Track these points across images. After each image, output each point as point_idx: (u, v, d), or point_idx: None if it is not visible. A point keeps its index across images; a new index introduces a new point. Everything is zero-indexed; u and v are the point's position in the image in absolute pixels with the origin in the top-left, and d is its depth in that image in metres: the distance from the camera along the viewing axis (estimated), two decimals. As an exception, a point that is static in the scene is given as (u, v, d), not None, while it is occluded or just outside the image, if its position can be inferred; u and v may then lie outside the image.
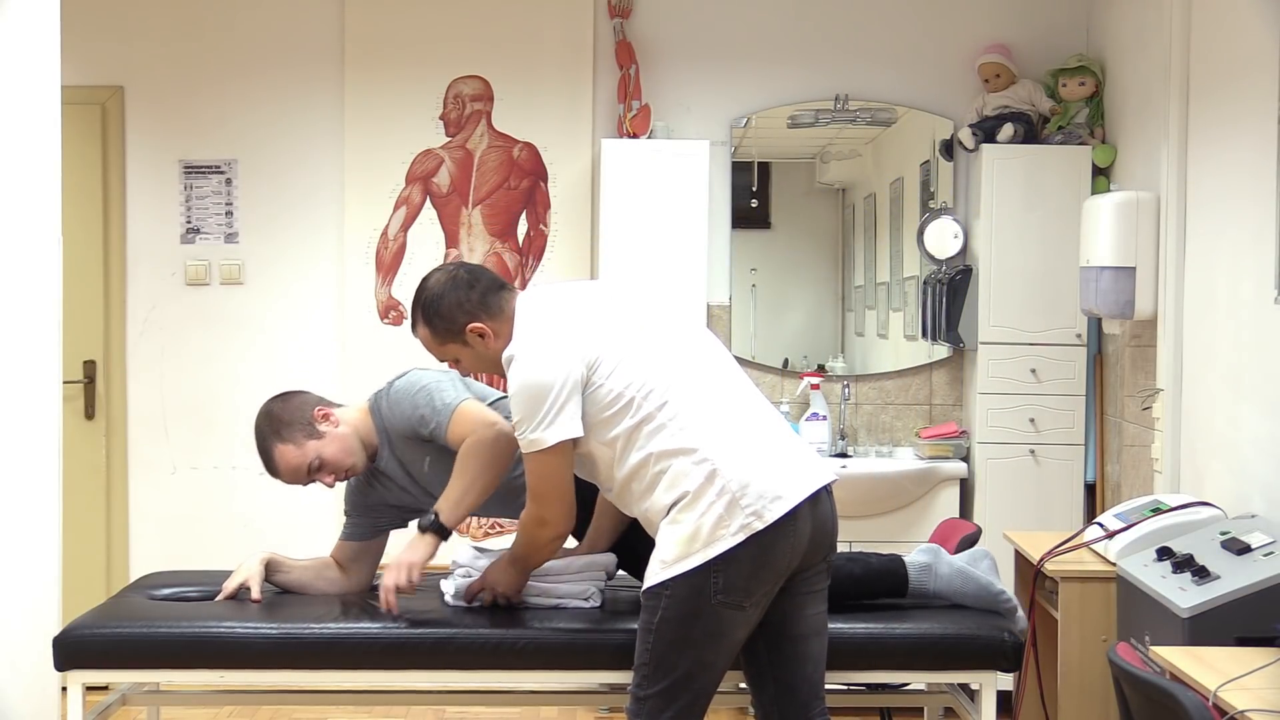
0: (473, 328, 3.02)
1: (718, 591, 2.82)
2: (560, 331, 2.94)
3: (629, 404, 2.88)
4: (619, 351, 2.91)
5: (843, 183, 5.27)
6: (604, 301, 3.06)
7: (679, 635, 2.85)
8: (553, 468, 2.91)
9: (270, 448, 3.30)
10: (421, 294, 3.08)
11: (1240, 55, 3.69)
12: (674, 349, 2.97)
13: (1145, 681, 2.47)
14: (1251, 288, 3.58)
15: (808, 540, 2.89)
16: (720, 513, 2.80)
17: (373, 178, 5.07)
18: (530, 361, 2.89)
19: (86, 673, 3.19)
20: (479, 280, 3.07)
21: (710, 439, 2.85)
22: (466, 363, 3.10)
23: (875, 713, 4.15)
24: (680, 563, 2.82)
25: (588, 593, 3.24)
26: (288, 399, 3.36)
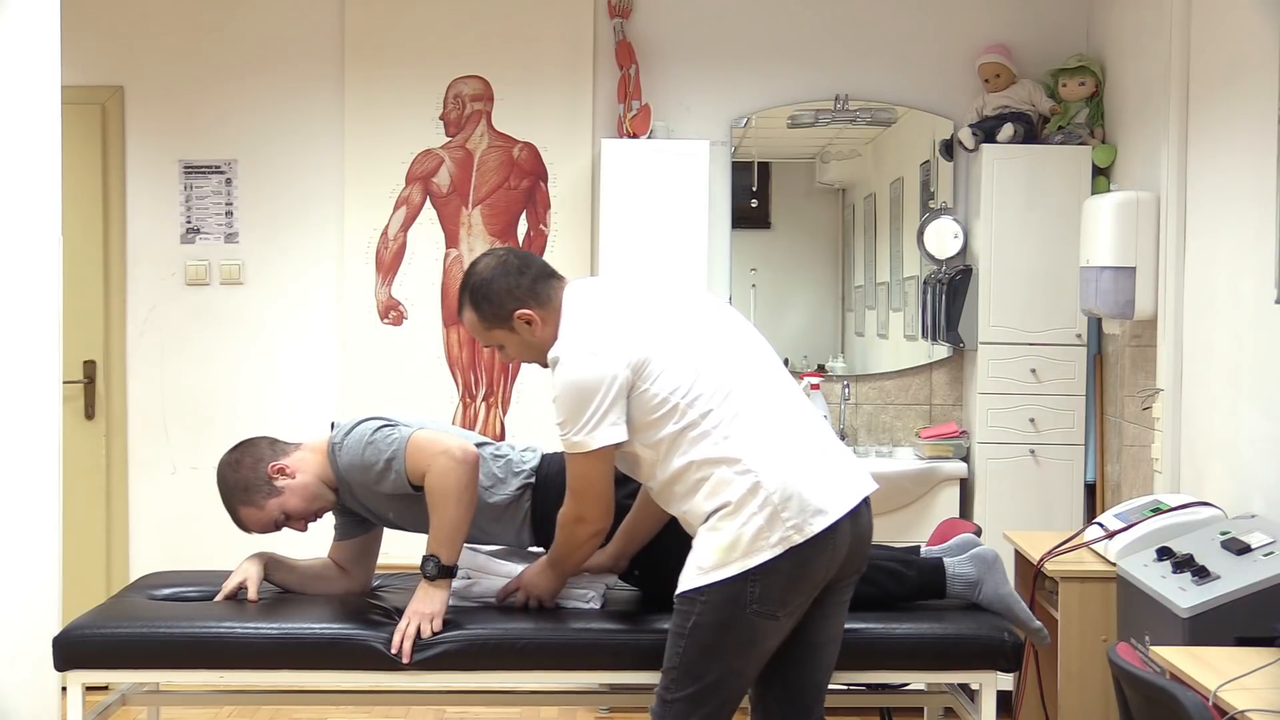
0: (521, 314, 2.98)
1: (753, 601, 2.80)
2: (608, 332, 2.89)
3: (673, 410, 2.84)
4: (666, 355, 2.87)
5: (843, 183, 5.27)
6: (652, 300, 3.01)
7: (711, 642, 2.83)
8: (594, 469, 2.90)
9: (234, 511, 3.35)
10: (470, 278, 3.04)
11: (1240, 55, 3.69)
12: (721, 352, 2.92)
13: (1145, 681, 2.47)
14: (1251, 288, 3.58)
15: (845, 553, 2.88)
16: (761, 524, 2.78)
17: (373, 178, 5.07)
18: (577, 363, 2.86)
19: (86, 673, 3.19)
20: (529, 267, 3.03)
21: (754, 449, 2.82)
22: (511, 349, 3.06)
23: (875, 713, 4.15)
24: (718, 570, 2.80)
25: (588, 596, 3.24)
26: (240, 461, 3.35)
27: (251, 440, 3.41)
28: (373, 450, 3.21)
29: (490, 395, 5.12)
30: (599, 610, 3.23)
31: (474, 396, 5.12)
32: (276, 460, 3.32)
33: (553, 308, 2.98)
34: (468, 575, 3.26)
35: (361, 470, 3.23)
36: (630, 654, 3.13)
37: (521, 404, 5.10)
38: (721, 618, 2.82)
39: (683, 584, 2.86)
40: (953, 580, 3.27)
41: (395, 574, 3.60)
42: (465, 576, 3.25)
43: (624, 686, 3.64)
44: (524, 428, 5.08)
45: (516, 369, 5.10)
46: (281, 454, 3.35)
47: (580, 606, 3.23)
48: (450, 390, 5.12)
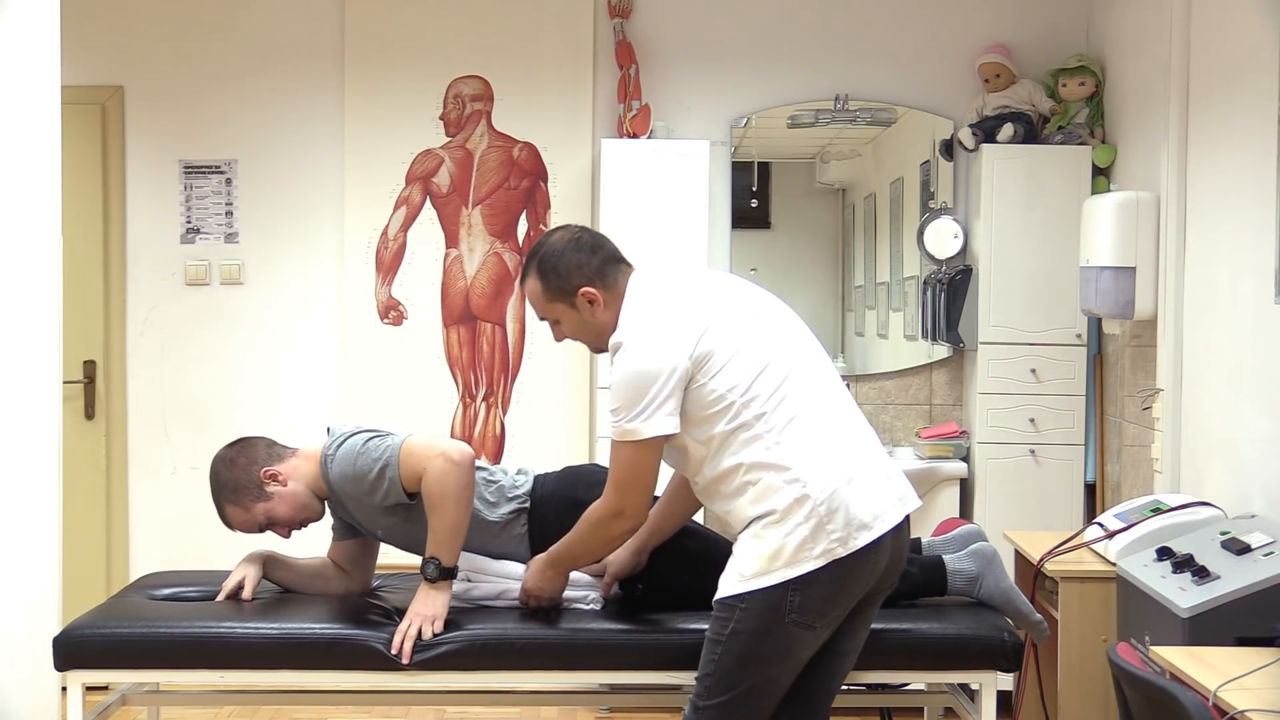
0: (585, 292, 2.95)
1: (793, 610, 2.79)
2: (672, 322, 2.87)
3: (728, 408, 2.82)
4: (728, 351, 2.85)
5: (843, 183, 5.27)
6: (717, 295, 2.98)
7: (748, 650, 2.82)
8: (642, 460, 2.86)
9: (220, 508, 3.35)
10: (540, 248, 3.01)
11: (1240, 55, 3.69)
12: (780, 354, 2.89)
13: (1145, 681, 2.47)
14: (1251, 288, 3.58)
15: (885, 567, 2.88)
16: (805, 535, 2.77)
17: (373, 178, 5.07)
18: (639, 351, 2.84)
19: (86, 673, 3.19)
20: (601, 247, 3.00)
21: (804, 458, 2.81)
22: (566, 326, 3.02)
23: (875, 713, 4.14)
24: (760, 578, 2.79)
25: (589, 597, 3.24)
26: (235, 460, 3.34)
27: (250, 440, 3.41)
28: (365, 460, 3.20)
29: (490, 395, 5.12)
30: (599, 610, 3.23)
31: (474, 397, 5.12)
32: (270, 465, 3.32)
33: (617, 292, 2.96)
34: (468, 578, 3.26)
35: (354, 481, 3.22)
36: (630, 654, 3.13)
37: (521, 404, 5.10)
38: (760, 626, 2.80)
39: (723, 589, 2.84)
40: (953, 576, 3.28)
41: (395, 574, 3.60)
42: (465, 579, 3.25)
43: (624, 686, 3.65)
44: (524, 428, 5.08)
45: (517, 368, 5.10)
46: (276, 459, 3.34)
47: (580, 607, 3.23)
48: (450, 390, 5.12)
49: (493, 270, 5.09)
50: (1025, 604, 3.28)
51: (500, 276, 5.10)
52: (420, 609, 3.12)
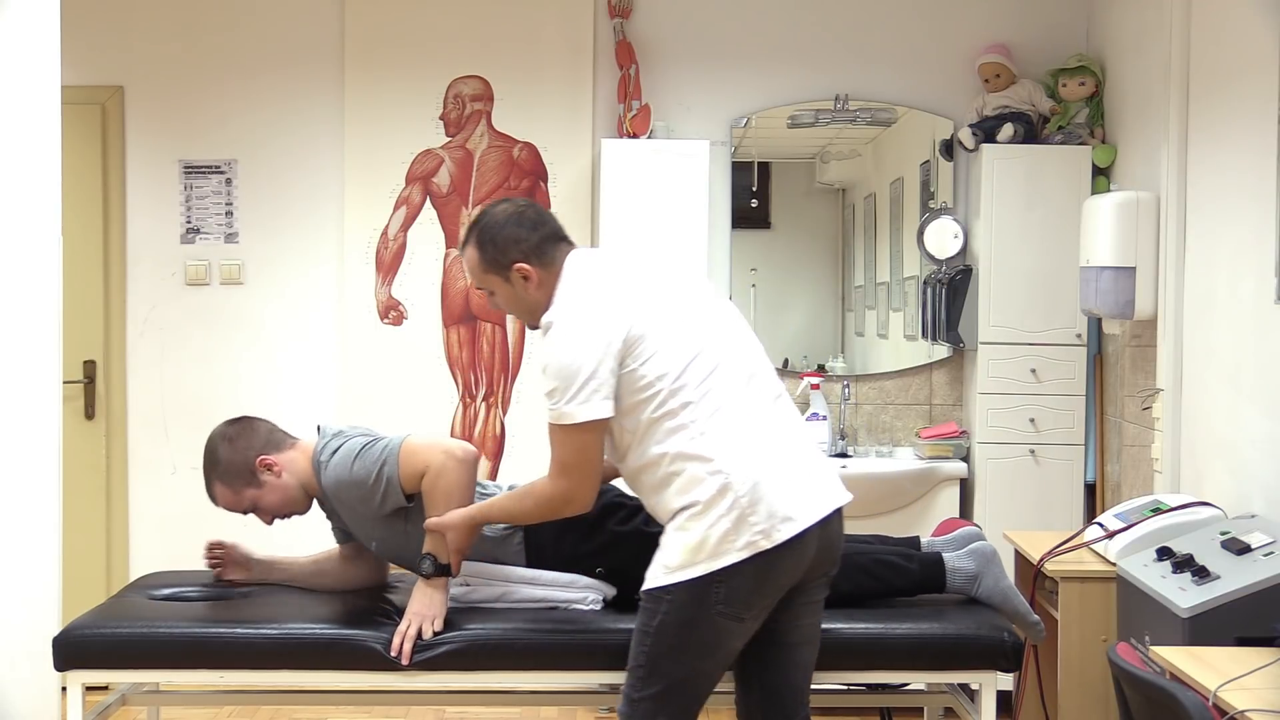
0: (519, 268, 2.94)
1: (719, 602, 2.80)
2: (605, 305, 2.88)
3: (655, 395, 2.83)
4: (660, 337, 2.85)
5: (843, 183, 5.26)
6: (653, 280, 2.98)
7: (676, 641, 2.84)
8: (585, 442, 2.85)
9: (209, 483, 3.34)
10: (482, 217, 3.00)
11: (1240, 55, 3.69)
12: (710, 346, 2.90)
13: (1145, 681, 2.47)
14: (1251, 288, 3.58)
15: (812, 558, 2.88)
16: (728, 527, 2.78)
17: (373, 178, 5.07)
18: (570, 332, 2.84)
19: (86, 673, 3.19)
20: (543, 224, 2.99)
21: (727, 450, 2.82)
22: (500, 299, 3.02)
23: (875, 713, 4.15)
24: (684, 570, 2.81)
25: (588, 598, 3.24)
26: (236, 439, 3.33)
27: (252, 422, 3.38)
28: (362, 465, 3.18)
29: (490, 395, 5.12)
30: (599, 610, 3.23)
31: (474, 397, 5.12)
32: (268, 454, 3.30)
33: (553, 271, 2.96)
34: (466, 582, 3.25)
35: (351, 487, 3.19)
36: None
37: (521, 404, 5.10)
38: (686, 617, 2.82)
39: (649, 582, 2.87)
40: (952, 574, 3.28)
41: (399, 572, 3.60)
42: (464, 583, 3.24)
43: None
44: (524, 428, 5.08)
45: (517, 368, 5.10)
46: (275, 447, 3.32)
47: (580, 608, 3.22)
48: (450, 390, 5.12)
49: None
50: (1023, 604, 3.28)
51: (500, 276, 5.09)
52: (418, 608, 3.11)
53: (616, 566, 3.23)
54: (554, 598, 3.22)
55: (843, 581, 3.12)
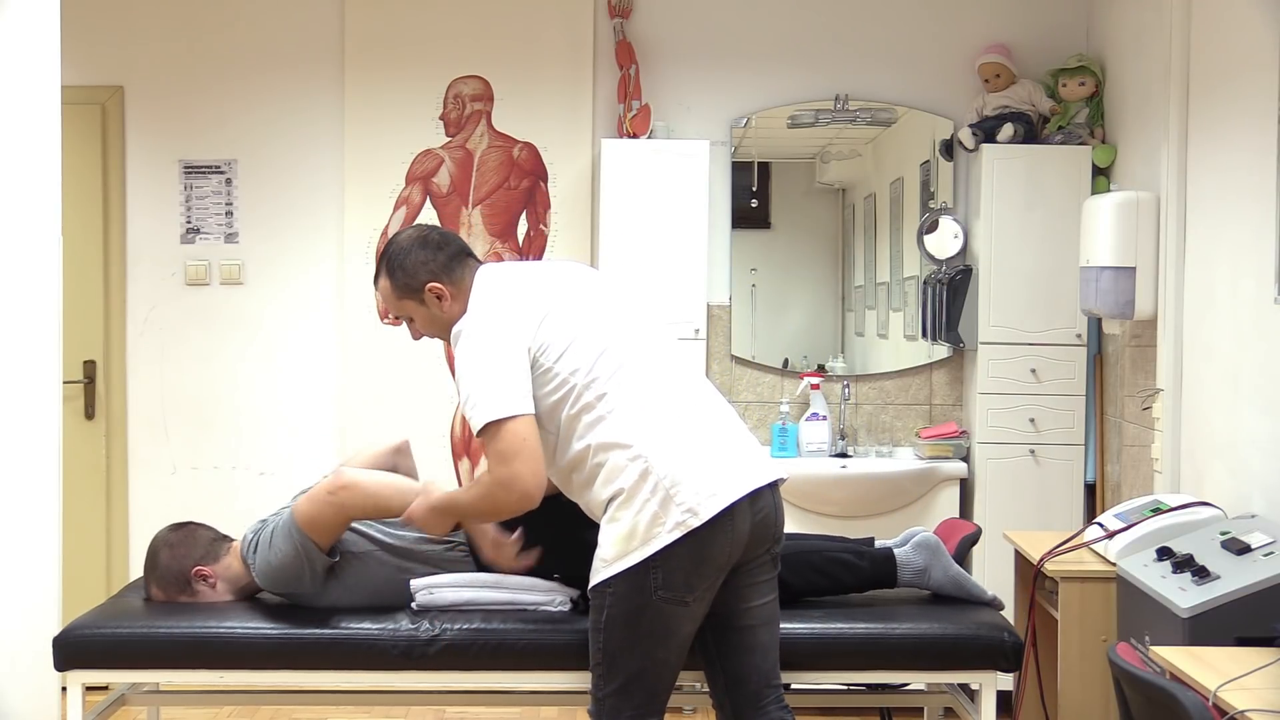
0: (432, 288, 3.04)
1: (658, 588, 2.84)
2: (510, 309, 2.95)
3: (571, 390, 2.90)
4: (566, 336, 2.92)
5: (843, 183, 5.26)
6: (558, 282, 3.07)
7: (626, 633, 2.89)
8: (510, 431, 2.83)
9: (146, 583, 3.41)
10: (388, 247, 3.11)
11: (1240, 55, 3.69)
12: (618, 339, 2.97)
13: (1145, 681, 2.47)
14: (1251, 288, 3.58)
15: (747, 535, 2.91)
16: (655, 510, 2.82)
17: (373, 178, 5.07)
18: (478, 335, 2.92)
19: (86, 673, 3.19)
20: (447, 244, 3.09)
21: (645, 434, 2.87)
22: (419, 322, 3.11)
23: (875, 713, 4.15)
24: (619, 561, 2.85)
25: (555, 600, 3.24)
26: (174, 547, 3.38)
27: (194, 530, 3.44)
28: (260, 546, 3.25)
29: (490, 395, 5.11)
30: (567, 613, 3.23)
31: (474, 396, 5.11)
32: (204, 565, 3.36)
33: (464, 287, 3.04)
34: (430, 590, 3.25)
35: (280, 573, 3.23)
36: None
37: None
38: (630, 608, 2.86)
39: (592, 578, 2.92)
40: (902, 569, 3.34)
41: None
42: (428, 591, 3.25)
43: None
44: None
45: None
46: (213, 557, 3.37)
47: (549, 610, 3.22)
48: (450, 391, 5.10)
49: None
50: (976, 586, 3.36)
51: (500, 276, 5.09)
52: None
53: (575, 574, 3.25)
54: (520, 600, 3.23)
55: (794, 579, 3.18)
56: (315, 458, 5.10)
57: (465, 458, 5.11)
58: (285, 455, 5.11)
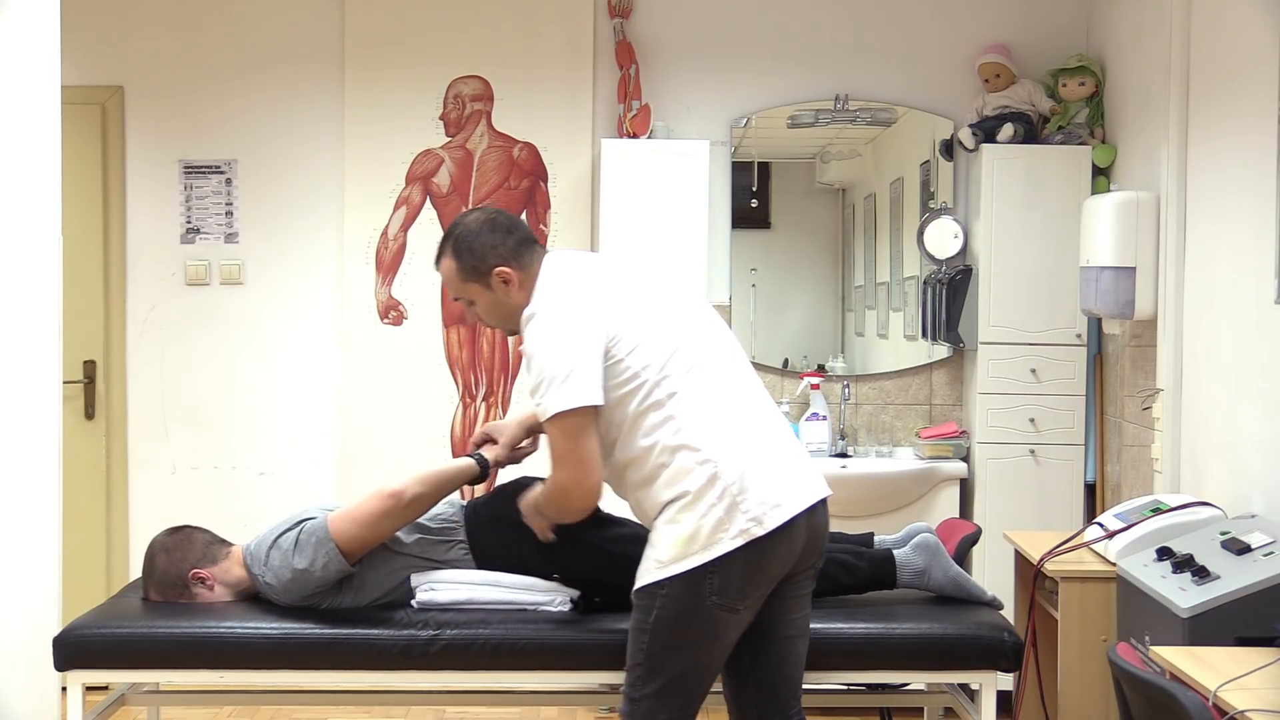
0: (499, 272, 2.97)
1: (713, 593, 2.81)
2: (586, 297, 2.90)
3: (641, 386, 2.84)
4: (641, 330, 2.87)
5: (843, 183, 5.26)
6: (630, 277, 3.02)
7: (674, 636, 2.85)
8: (574, 430, 2.81)
9: (146, 586, 3.41)
10: (456, 228, 3.03)
11: (1240, 55, 3.69)
12: (690, 341, 2.93)
13: (1145, 681, 2.47)
14: (1251, 287, 3.58)
15: (801, 548, 2.90)
16: (720, 515, 2.80)
17: (373, 178, 5.07)
18: (552, 321, 2.85)
19: (86, 673, 3.19)
20: (516, 229, 3.03)
21: (715, 440, 2.84)
22: (481, 307, 3.05)
23: (875, 713, 4.15)
24: (677, 563, 2.82)
25: (555, 600, 3.24)
26: (171, 550, 3.39)
27: (191, 533, 3.43)
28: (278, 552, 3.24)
29: (490, 395, 5.12)
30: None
31: (474, 397, 5.12)
32: (201, 567, 3.36)
33: (531, 273, 2.98)
34: (432, 587, 3.26)
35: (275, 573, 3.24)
36: (630, 654, 3.13)
37: (521, 404, 5.10)
38: (682, 610, 2.83)
39: (641, 578, 2.88)
40: (901, 570, 3.33)
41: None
42: (429, 588, 3.26)
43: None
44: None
45: (517, 368, 5.10)
46: (210, 560, 3.37)
47: (549, 610, 3.22)
48: (450, 391, 5.12)
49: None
50: (975, 586, 3.35)
51: (500, 276, 5.09)
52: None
53: (575, 574, 3.26)
54: (520, 600, 3.23)
55: None
56: (315, 458, 5.11)
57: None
58: (285, 455, 5.12)
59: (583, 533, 3.23)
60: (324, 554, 3.18)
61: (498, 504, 3.32)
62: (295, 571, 3.21)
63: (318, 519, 3.24)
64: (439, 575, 3.25)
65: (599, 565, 3.21)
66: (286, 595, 3.25)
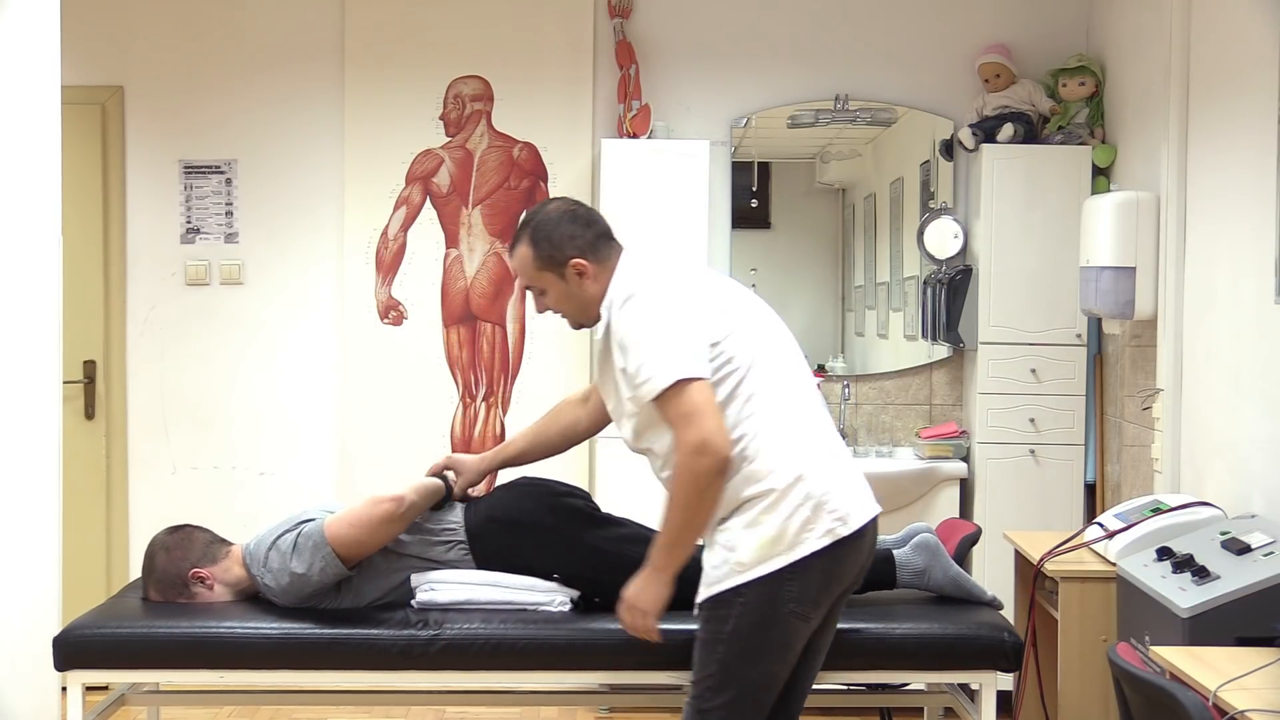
0: (576, 264, 2.94)
1: (790, 600, 2.78)
2: (681, 280, 2.89)
3: (732, 374, 2.79)
4: (732, 321, 2.85)
5: (843, 183, 5.26)
6: (711, 274, 3.02)
7: (750, 644, 2.80)
8: (689, 392, 2.71)
9: (145, 586, 3.41)
10: (535, 215, 3.00)
11: (1240, 55, 3.69)
12: (771, 339, 2.92)
13: (1145, 681, 2.47)
14: (1251, 287, 3.58)
15: (865, 558, 2.91)
16: (806, 515, 2.78)
17: (373, 178, 5.07)
18: (653, 299, 2.82)
19: (86, 673, 3.19)
20: (595, 222, 3.00)
21: (799, 438, 2.82)
22: (552, 297, 3.00)
23: (875, 713, 4.15)
24: (759, 566, 2.77)
25: (555, 600, 3.24)
26: (171, 549, 3.39)
27: (192, 532, 3.44)
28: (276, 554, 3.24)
29: (490, 395, 5.12)
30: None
31: (474, 397, 5.12)
32: (201, 566, 3.36)
33: (607, 267, 2.96)
34: (432, 587, 3.26)
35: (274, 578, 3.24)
36: (630, 654, 3.13)
37: (521, 404, 5.10)
38: (759, 618, 2.79)
39: (715, 585, 2.80)
40: (901, 570, 3.33)
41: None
42: (429, 588, 3.26)
43: (624, 686, 3.65)
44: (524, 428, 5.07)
45: (517, 368, 5.10)
46: (210, 559, 3.37)
47: (549, 609, 3.22)
48: (450, 391, 5.12)
49: (493, 270, 5.09)
50: (975, 586, 3.34)
51: (500, 276, 5.10)
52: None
53: (574, 574, 3.25)
54: (520, 600, 3.23)
55: None
56: (315, 458, 5.11)
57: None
58: (285, 455, 5.12)
59: (582, 533, 3.23)
60: (321, 559, 3.18)
61: (497, 504, 3.32)
62: (293, 575, 3.21)
63: (316, 523, 3.24)
64: (439, 575, 3.26)
65: (599, 566, 3.21)
66: (285, 598, 3.25)
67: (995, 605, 3.34)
